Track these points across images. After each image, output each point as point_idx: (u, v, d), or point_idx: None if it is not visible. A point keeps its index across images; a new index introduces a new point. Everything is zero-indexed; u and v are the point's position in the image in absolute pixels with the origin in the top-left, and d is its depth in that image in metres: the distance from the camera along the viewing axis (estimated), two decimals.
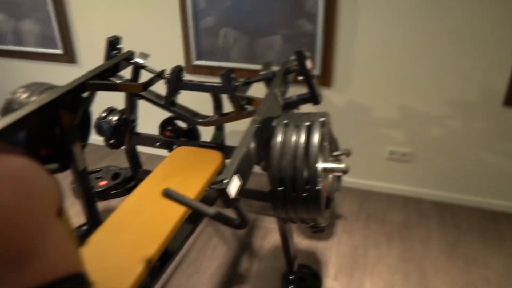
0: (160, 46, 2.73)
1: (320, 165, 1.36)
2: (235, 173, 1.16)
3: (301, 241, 2.24)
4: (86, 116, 2.11)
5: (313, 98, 1.86)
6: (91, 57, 3.00)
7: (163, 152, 2.43)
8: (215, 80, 1.99)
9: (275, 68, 1.92)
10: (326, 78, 2.44)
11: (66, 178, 2.72)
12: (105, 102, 2.57)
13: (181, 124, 2.43)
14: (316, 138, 1.35)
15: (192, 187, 1.82)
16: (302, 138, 1.36)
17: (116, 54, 2.11)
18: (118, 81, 2.04)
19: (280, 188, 1.35)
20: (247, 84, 1.95)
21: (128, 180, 2.73)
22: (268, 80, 1.92)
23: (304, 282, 1.92)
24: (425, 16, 2.13)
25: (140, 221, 1.63)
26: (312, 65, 2.20)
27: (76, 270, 0.59)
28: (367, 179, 2.67)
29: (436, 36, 2.16)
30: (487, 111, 2.25)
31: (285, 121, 1.44)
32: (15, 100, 1.90)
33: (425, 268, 2.05)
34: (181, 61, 2.72)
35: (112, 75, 2.05)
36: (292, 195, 1.35)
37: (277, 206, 1.39)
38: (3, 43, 3.27)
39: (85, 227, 2.21)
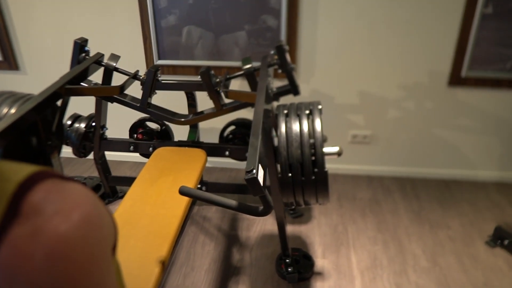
0: (118, 47, 2.64)
1: (323, 150, 1.46)
2: (259, 163, 1.21)
3: None
4: (59, 124, 2.00)
5: (293, 89, 1.96)
6: (37, 62, 2.80)
7: (126, 157, 2.34)
8: (180, 79, 2.00)
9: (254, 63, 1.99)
10: None
11: None
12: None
13: (152, 125, 2.40)
14: (319, 124, 1.45)
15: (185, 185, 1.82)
16: (306, 125, 1.45)
17: (85, 57, 2.02)
18: (91, 86, 1.96)
19: (290, 174, 1.43)
20: (228, 80, 1.99)
21: (96, 189, 2.62)
22: (249, 75, 1.98)
23: (298, 264, 2.02)
24: (378, 9, 2.34)
25: (143, 225, 1.60)
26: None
27: None
28: (333, 163, 2.84)
29: (388, 26, 2.37)
30: (435, 92, 2.52)
31: (285, 111, 1.52)
32: None
33: (399, 236, 2.26)
34: (142, 61, 2.66)
35: (83, 79, 1.96)
36: (301, 179, 1.44)
37: (286, 191, 1.47)
38: None
39: None
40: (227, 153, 2.18)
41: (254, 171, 1.16)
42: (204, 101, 2.29)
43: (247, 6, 2.42)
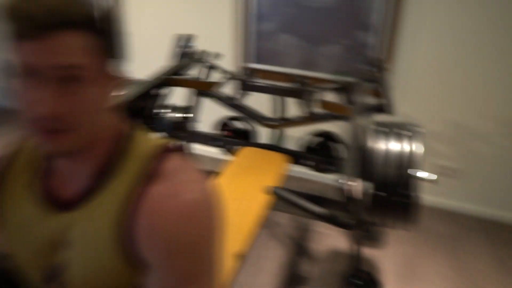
0: (215, 45, 2.76)
1: (420, 174, 1.40)
2: (357, 175, 1.19)
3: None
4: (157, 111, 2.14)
5: (387, 108, 1.91)
6: (141, 53, 3.01)
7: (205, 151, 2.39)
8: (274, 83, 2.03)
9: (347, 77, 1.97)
10: None
11: None
12: None
13: (238, 125, 2.47)
14: (420, 148, 1.40)
15: (265, 187, 1.84)
16: (406, 147, 1.40)
17: (187, 53, 2.14)
18: (192, 79, 2.07)
19: (383, 193, 1.39)
20: (321, 90, 1.99)
21: None
22: (342, 88, 1.96)
23: (367, 287, 1.95)
24: (478, 37, 2.21)
25: (225, 217, 1.65)
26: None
27: None
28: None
29: (487, 56, 2.24)
30: None
31: (384, 129, 1.49)
32: None
33: (477, 280, 2.09)
34: (235, 62, 2.76)
35: (184, 72, 2.08)
36: (392, 200, 1.39)
37: (375, 210, 1.43)
38: None
39: None
40: (310, 163, 2.17)
41: (353, 183, 1.14)
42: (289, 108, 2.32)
43: (346, 21, 2.42)
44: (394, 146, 1.42)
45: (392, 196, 1.39)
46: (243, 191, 1.82)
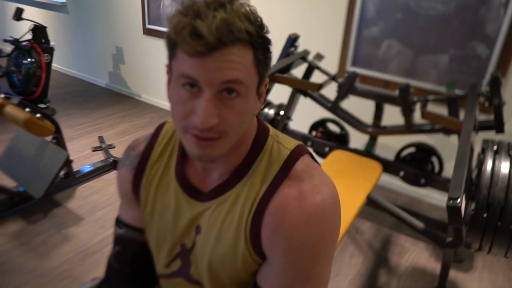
0: (317, 46, 2.80)
1: None
2: (462, 193, 1.16)
3: (438, 267, 2.17)
4: None
5: (498, 126, 1.80)
6: None
7: None
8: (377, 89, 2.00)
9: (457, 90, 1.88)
10: None
11: None
12: None
13: (333, 128, 2.48)
14: None
15: (357, 193, 1.84)
16: None
17: (293, 52, 2.21)
18: (294, 78, 2.13)
19: (485, 215, 1.33)
20: (427, 101, 1.93)
21: None
22: (451, 101, 1.88)
23: None
24: None
25: None
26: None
27: None
28: None
29: None
30: None
31: (494, 147, 1.41)
32: None
33: None
34: (334, 65, 2.77)
35: (287, 71, 2.15)
36: (496, 224, 1.32)
37: (474, 232, 1.37)
38: (164, 25, 3.59)
39: None
40: (401, 173, 2.12)
41: (459, 200, 1.11)
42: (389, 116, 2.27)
43: (457, 30, 2.30)
44: (503, 167, 1.34)
45: (494, 219, 1.32)
46: None
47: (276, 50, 2.47)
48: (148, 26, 3.87)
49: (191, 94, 0.60)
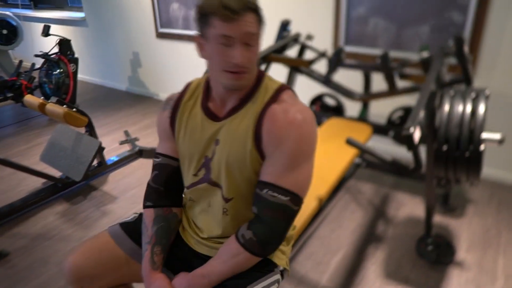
0: (311, 30, 3.09)
1: (484, 134, 1.57)
2: (418, 124, 1.43)
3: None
4: None
5: (466, 79, 2.05)
6: None
7: None
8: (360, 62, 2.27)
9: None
10: None
11: None
12: None
13: (328, 101, 2.77)
14: (482, 108, 1.56)
15: (349, 150, 2.13)
16: (469, 107, 1.58)
17: (285, 35, 2.51)
18: (287, 57, 2.43)
19: (445, 147, 1.60)
20: (404, 65, 2.20)
21: None
22: (425, 63, 2.14)
23: (439, 248, 2.12)
24: None
25: None
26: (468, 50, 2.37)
27: (302, 196, 1.05)
28: (503, 170, 2.73)
29: None
30: None
31: (452, 93, 1.67)
32: None
33: None
34: (329, 46, 3.05)
35: (282, 52, 2.45)
36: (455, 154, 1.59)
37: (439, 164, 1.64)
38: (174, 27, 3.95)
39: None
40: (391, 133, 2.39)
41: (412, 129, 1.39)
42: (377, 85, 2.53)
43: (434, 1, 2.55)
44: (457, 107, 1.60)
45: (453, 150, 1.58)
46: (328, 151, 2.13)
47: (272, 35, 2.78)
48: (160, 30, 4.25)
49: (226, 47, 0.94)
